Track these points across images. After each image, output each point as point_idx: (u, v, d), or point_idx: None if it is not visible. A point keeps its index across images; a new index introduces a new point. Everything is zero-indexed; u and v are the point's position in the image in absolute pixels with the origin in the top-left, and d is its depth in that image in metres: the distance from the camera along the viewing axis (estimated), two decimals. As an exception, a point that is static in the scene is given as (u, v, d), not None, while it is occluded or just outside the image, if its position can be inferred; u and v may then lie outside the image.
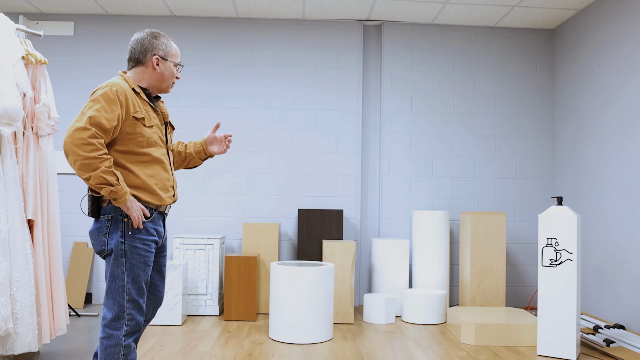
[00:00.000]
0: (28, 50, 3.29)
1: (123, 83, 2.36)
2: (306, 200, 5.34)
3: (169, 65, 2.48)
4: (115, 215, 2.30)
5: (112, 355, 2.27)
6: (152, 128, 2.41)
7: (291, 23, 5.43)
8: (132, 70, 2.47)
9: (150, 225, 2.37)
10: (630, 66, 4.36)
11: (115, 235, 2.30)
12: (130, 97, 2.35)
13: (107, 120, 2.23)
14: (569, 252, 3.57)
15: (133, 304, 2.31)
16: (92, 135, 2.18)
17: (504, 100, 5.51)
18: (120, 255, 2.29)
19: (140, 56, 2.44)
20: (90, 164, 2.16)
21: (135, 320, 2.31)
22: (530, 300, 5.35)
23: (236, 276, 4.56)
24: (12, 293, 2.91)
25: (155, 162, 2.40)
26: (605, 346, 3.75)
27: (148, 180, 2.36)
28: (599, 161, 4.71)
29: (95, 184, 2.18)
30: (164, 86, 2.51)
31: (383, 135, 5.41)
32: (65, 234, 5.23)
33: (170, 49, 2.49)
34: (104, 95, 2.26)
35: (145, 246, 2.34)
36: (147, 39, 2.44)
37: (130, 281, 2.30)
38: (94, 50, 5.36)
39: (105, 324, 2.29)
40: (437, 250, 4.97)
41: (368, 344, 3.91)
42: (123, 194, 2.22)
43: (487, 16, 5.24)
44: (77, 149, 2.15)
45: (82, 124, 2.18)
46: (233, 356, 3.54)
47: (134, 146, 2.34)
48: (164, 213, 2.49)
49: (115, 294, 2.29)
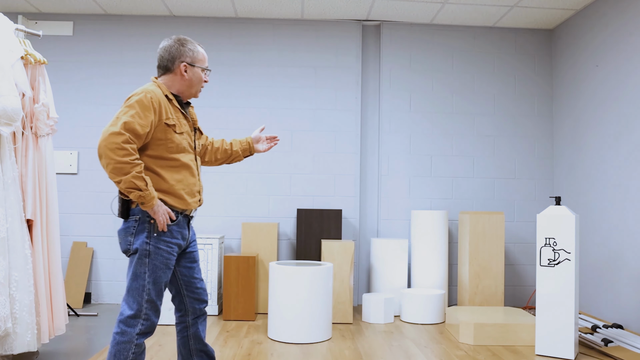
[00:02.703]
0: (27, 50, 3.29)
1: (157, 90, 2.42)
2: (305, 200, 5.34)
3: (196, 70, 2.53)
4: (142, 217, 2.37)
5: (122, 351, 2.32)
6: (182, 134, 2.49)
7: (290, 23, 5.43)
8: (162, 78, 2.53)
9: (176, 228, 2.44)
10: (628, 66, 4.36)
11: (141, 236, 2.37)
12: (164, 104, 2.42)
13: (140, 127, 2.31)
14: (567, 251, 3.58)
15: (151, 305, 2.37)
16: (126, 141, 2.25)
17: (503, 100, 5.52)
18: (144, 255, 2.37)
19: (169, 64, 2.50)
20: (121, 168, 2.24)
21: (150, 321, 2.37)
22: (528, 300, 5.36)
23: (235, 276, 4.57)
24: (11, 293, 2.92)
25: (183, 168, 2.48)
26: (603, 346, 3.76)
27: (176, 185, 2.44)
28: (598, 161, 4.72)
29: (125, 187, 2.26)
30: (193, 91, 2.58)
31: (382, 135, 5.42)
32: (64, 234, 5.23)
33: (197, 54, 2.54)
34: (139, 101, 2.33)
35: (168, 248, 2.41)
36: (174, 47, 2.50)
37: (152, 282, 2.37)
38: (93, 50, 5.36)
39: (121, 320, 2.34)
40: (436, 250, 4.97)
41: (367, 344, 3.92)
42: (150, 199, 2.30)
43: (486, 16, 5.25)
44: (110, 153, 2.22)
45: (117, 129, 2.25)
46: (232, 356, 3.54)
47: (164, 151, 2.42)
48: (189, 216, 2.55)
49: (135, 293, 2.35)
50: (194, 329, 2.65)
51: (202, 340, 2.69)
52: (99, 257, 5.26)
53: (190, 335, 2.66)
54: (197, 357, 2.69)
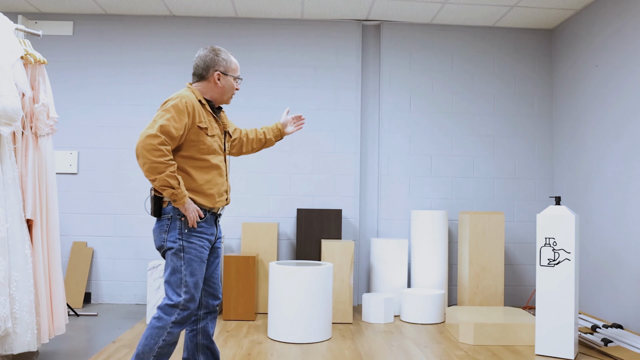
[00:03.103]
0: (27, 50, 3.29)
1: (191, 95, 2.61)
2: (305, 200, 5.34)
3: (229, 79, 2.73)
4: (174, 215, 2.55)
5: (154, 336, 2.49)
6: (214, 137, 2.67)
7: (290, 23, 5.43)
8: (197, 84, 2.72)
9: (205, 225, 2.62)
10: (628, 66, 4.36)
11: (173, 232, 2.55)
12: (197, 108, 2.60)
13: (175, 129, 2.49)
14: (567, 251, 3.58)
15: (190, 297, 2.54)
16: (161, 143, 2.44)
17: (503, 100, 5.52)
18: (179, 250, 2.54)
19: (203, 72, 2.69)
20: (157, 167, 2.42)
21: (188, 311, 2.53)
22: (528, 300, 5.36)
23: (235, 276, 4.57)
24: (11, 292, 2.92)
25: (213, 169, 2.65)
26: (603, 345, 3.76)
27: (205, 184, 2.61)
28: (597, 161, 4.72)
29: (160, 185, 2.44)
30: (225, 98, 2.77)
31: (382, 134, 5.42)
32: (64, 234, 5.23)
33: (230, 64, 2.73)
34: (175, 106, 2.52)
35: (201, 242, 2.59)
36: (209, 56, 2.69)
37: (188, 274, 2.54)
38: (93, 50, 5.36)
39: (161, 307, 2.52)
40: (436, 250, 4.98)
41: (367, 344, 3.92)
42: (182, 197, 2.48)
43: (485, 16, 5.25)
44: (147, 154, 2.41)
45: (154, 131, 2.44)
46: (232, 356, 3.54)
47: (195, 152, 2.59)
48: (217, 214, 2.71)
49: (174, 285, 2.53)
50: (203, 323, 2.79)
51: (210, 337, 2.81)
52: (98, 257, 5.26)
53: (199, 329, 2.79)
54: (202, 353, 2.80)
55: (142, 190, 5.29)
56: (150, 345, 2.48)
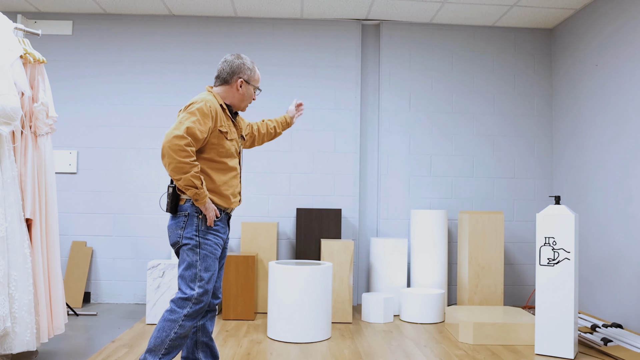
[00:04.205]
0: (26, 49, 3.29)
1: (214, 99, 2.71)
2: (304, 200, 5.34)
3: (250, 88, 2.85)
4: (191, 213, 2.63)
5: (167, 328, 2.57)
6: (232, 141, 2.78)
7: (290, 22, 5.43)
8: (218, 88, 2.82)
9: (220, 224, 2.73)
10: (627, 66, 4.36)
11: (190, 229, 2.63)
12: (219, 113, 2.70)
13: (200, 132, 2.58)
14: (567, 251, 3.58)
15: (203, 290, 2.62)
16: (188, 144, 2.52)
17: (502, 100, 5.52)
18: (195, 246, 2.63)
19: (228, 77, 2.80)
20: (182, 167, 2.50)
21: (201, 305, 2.62)
22: (528, 300, 5.36)
23: (234, 275, 4.57)
24: (11, 292, 2.92)
25: (230, 171, 2.76)
26: (603, 345, 3.76)
27: (222, 186, 2.72)
28: (597, 160, 4.72)
29: (184, 185, 2.52)
30: (242, 105, 2.88)
31: (381, 134, 5.42)
32: (63, 233, 5.23)
33: (254, 74, 2.85)
34: (200, 109, 2.60)
35: (216, 239, 2.69)
36: (236, 63, 2.80)
37: (203, 269, 2.64)
38: (92, 49, 5.36)
39: (174, 300, 2.61)
40: (436, 250, 4.97)
41: (366, 343, 3.91)
42: (204, 197, 2.58)
43: (485, 16, 5.24)
44: (173, 154, 2.50)
45: (181, 133, 2.51)
46: (231, 355, 3.54)
47: (215, 155, 2.69)
48: (229, 214, 2.84)
49: (189, 280, 2.62)
50: (203, 321, 2.87)
51: (210, 335, 2.89)
52: (98, 256, 5.25)
53: (199, 326, 2.86)
54: (201, 351, 2.88)
55: (141, 190, 5.28)
56: (162, 338, 2.56)
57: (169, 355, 2.60)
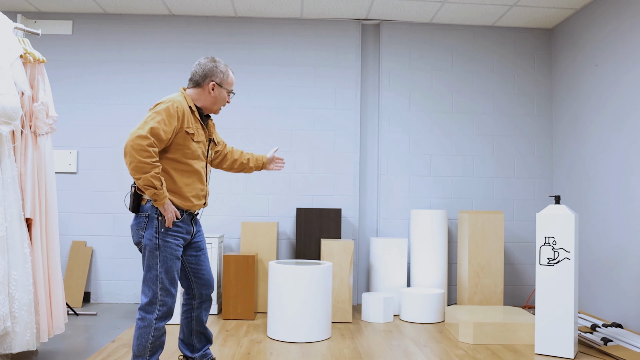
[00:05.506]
0: (26, 49, 3.29)
1: (183, 100, 2.73)
2: (304, 199, 5.34)
3: (222, 91, 2.86)
4: (151, 214, 2.65)
5: (144, 335, 2.63)
6: (199, 143, 2.79)
7: (290, 22, 5.43)
8: (191, 90, 2.84)
9: (181, 224, 2.73)
10: (627, 65, 4.36)
11: (150, 230, 2.65)
12: (187, 114, 2.71)
13: (164, 132, 2.59)
14: (567, 250, 3.58)
15: (165, 292, 2.65)
16: (150, 144, 2.53)
17: (502, 99, 5.52)
18: (154, 248, 2.65)
19: (200, 80, 2.81)
20: (142, 167, 2.50)
21: (167, 307, 2.66)
22: (528, 299, 5.36)
23: (234, 275, 4.57)
24: (10, 292, 2.91)
25: (194, 173, 2.77)
26: (602, 345, 3.76)
27: (184, 187, 2.72)
28: (597, 160, 4.72)
29: (143, 184, 2.53)
30: (215, 108, 2.89)
31: (381, 134, 5.42)
32: (63, 233, 5.23)
33: (226, 77, 2.86)
34: (166, 109, 2.62)
35: (175, 241, 2.70)
36: (209, 66, 2.81)
37: (164, 271, 2.65)
38: (92, 49, 5.35)
39: (141, 307, 2.65)
40: (435, 249, 4.97)
41: (366, 343, 3.91)
42: (163, 198, 2.58)
43: (485, 15, 5.24)
44: (134, 153, 2.50)
45: (144, 133, 2.52)
46: (231, 355, 3.54)
47: (180, 156, 2.70)
48: (193, 214, 2.83)
49: (150, 282, 2.64)
50: (197, 312, 2.96)
51: (203, 324, 3.00)
52: (98, 256, 5.25)
53: (194, 317, 2.97)
54: (196, 337, 3.00)
55: (141, 190, 5.28)
56: (143, 344, 2.63)
57: (155, 355, 2.67)
